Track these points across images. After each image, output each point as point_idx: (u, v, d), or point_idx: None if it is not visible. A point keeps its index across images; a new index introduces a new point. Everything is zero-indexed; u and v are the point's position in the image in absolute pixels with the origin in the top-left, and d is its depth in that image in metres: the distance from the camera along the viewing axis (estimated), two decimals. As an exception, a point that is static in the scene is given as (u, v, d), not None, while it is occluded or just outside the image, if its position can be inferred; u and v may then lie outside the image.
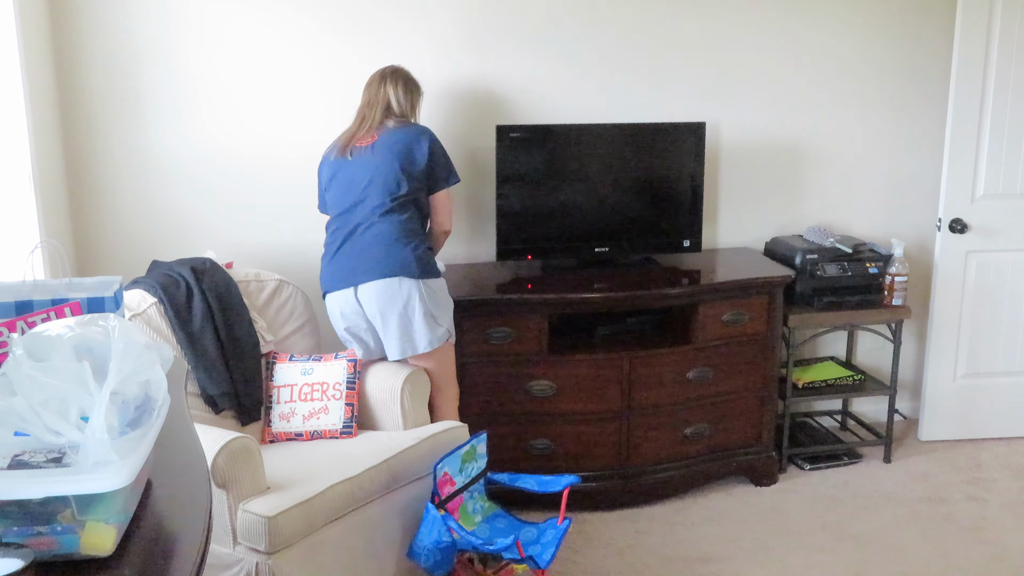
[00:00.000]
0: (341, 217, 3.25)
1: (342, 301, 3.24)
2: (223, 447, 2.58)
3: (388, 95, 3.31)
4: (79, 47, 3.48)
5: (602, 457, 3.58)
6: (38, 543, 1.29)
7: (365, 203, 3.20)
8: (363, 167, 3.22)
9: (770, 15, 4.05)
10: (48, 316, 1.75)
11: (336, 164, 3.28)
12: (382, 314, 3.17)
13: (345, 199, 3.24)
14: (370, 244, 3.18)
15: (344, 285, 3.22)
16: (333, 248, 3.26)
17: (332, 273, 3.26)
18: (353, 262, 3.20)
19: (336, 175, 3.27)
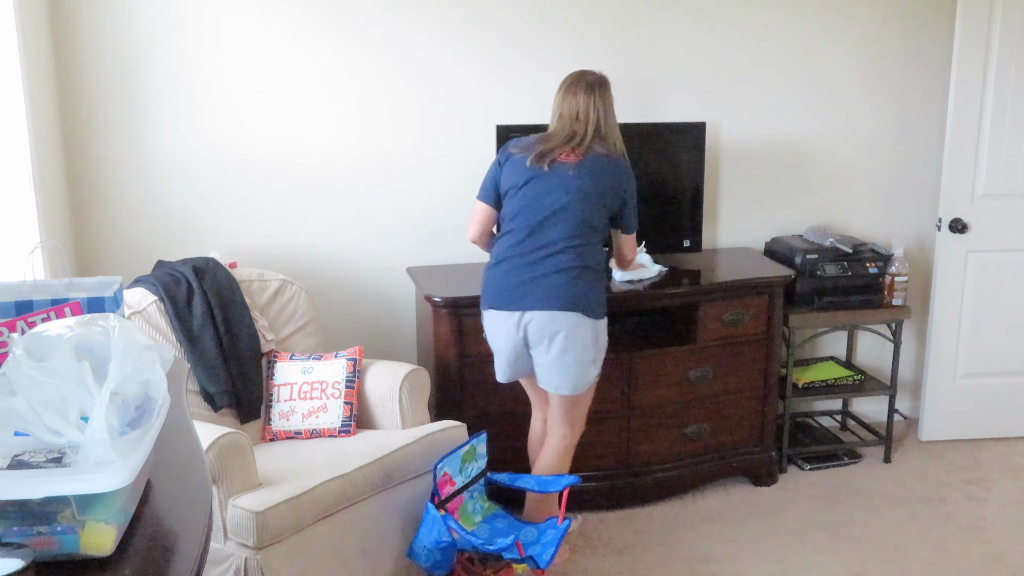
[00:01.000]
0: (526, 232, 3.01)
1: (504, 321, 3.03)
2: (214, 442, 2.60)
3: (598, 114, 3.08)
4: (79, 47, 3.48)
5: (602, 457, 3.58)
6: (38, 543, 1.29)
7: (557, 226, 2.98)
8: (563, 186, 2.99)
9: (770, 15, 4.05)
10: (48, 316, 1.76)
11: (531, 172, 3.02)
12: (548, 342, 2.98)
13: (534, 214, 3.00)
14: (555, 271, 2.97)
15: (513, 308, 3.00)
16: (508, 262, 3.03)
17: (501, 289, 3.04)
18: (530, 285, 2.98)
19: (528, 183, 3.02)
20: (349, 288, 3.87)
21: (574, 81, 3.15)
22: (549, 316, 2.96)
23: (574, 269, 2.98)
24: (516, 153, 3.11)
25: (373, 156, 3.81)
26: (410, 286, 3.80)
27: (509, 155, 3.13)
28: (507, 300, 3.02)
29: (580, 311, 2.96)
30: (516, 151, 3.11)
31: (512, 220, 3.06)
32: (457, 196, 3.88)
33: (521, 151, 3.10)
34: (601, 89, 3.13)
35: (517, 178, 3.06)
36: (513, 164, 3.10)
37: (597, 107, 3.10)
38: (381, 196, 3.84)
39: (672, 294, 3.62)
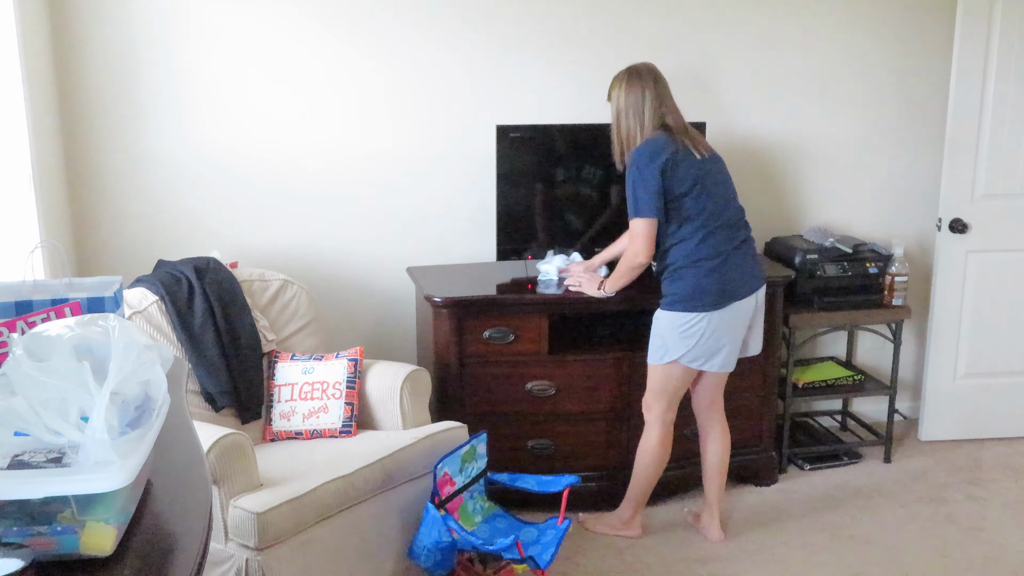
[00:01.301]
0: (722, 225, 3.16)
1: (744, 307, 3.22)
2: (215, 443, 2.59)
3: (672, 98, 3.26)
4: (79, 46, 3.48)
5: (602, 457, 3.58)
6: (38, 543, 1.29)
7: (735, 213, 3.23)
8: (721, 177, 3.21)
9: (770, 16, 4.05)
10: (48, 316, 1.76)
11: (700, 165, 3.14)
12: (758, 317, 3.31)
13: (719, 210, 3.16)
14: (752, 253, 3.29)
15: (749, 292, 3.22)
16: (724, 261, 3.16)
17: (737, 281, 3.18)
18: (750, 270, 3.24)
19: (704, 178, 3.13)
20: (349, 288, 3.87)
21: (651, 72, 3.24)
22: (762, 290, 3.31)
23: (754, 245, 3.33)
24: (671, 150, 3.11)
25: (374, 156, 3.81)
26: (410, 286, 3.80)
27: (667, 154, 3.10)
28: (747, 288, 3.22)
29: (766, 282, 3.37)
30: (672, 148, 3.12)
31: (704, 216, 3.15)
32: (457, 196, 3.89)
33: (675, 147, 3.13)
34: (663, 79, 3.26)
35: (692, 173, 3.13)
36: (683, 161, 3.12)
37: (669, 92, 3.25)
38: (382, 196, 3.84)
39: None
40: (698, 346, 3.19)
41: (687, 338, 3.18)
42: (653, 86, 3.20)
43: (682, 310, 3.18)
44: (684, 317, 3.17)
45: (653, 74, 3.24)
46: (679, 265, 3.18)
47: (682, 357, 3.22)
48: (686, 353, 3.21)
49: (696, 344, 3.19)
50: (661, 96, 3.21)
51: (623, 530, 3.43)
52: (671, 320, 3.21)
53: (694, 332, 3.17)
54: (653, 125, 3.18)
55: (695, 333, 3.17)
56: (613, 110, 3.27)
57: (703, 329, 3.17)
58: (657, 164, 3.09)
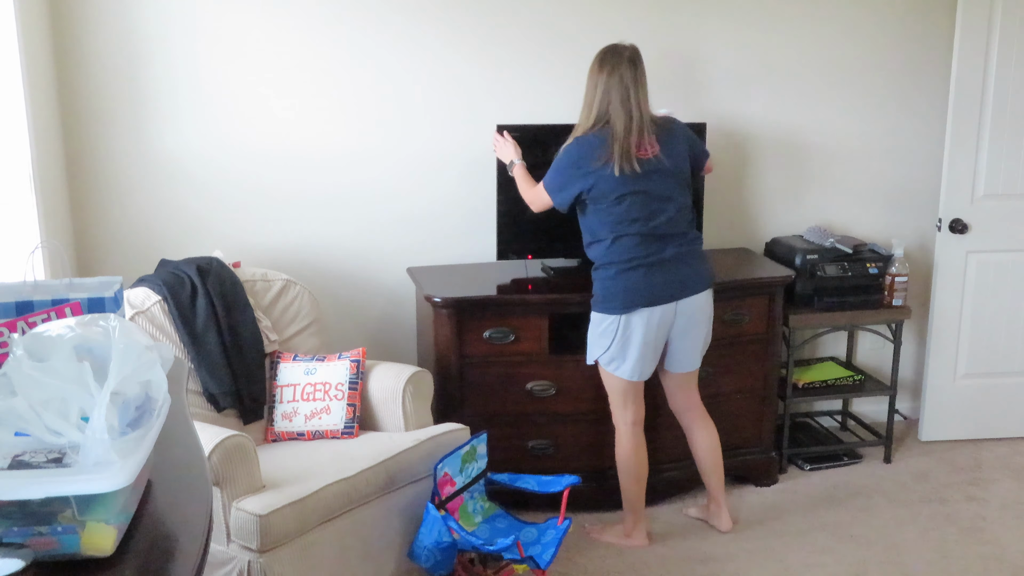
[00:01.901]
0: (643, 233, 3.11)
1: (661, 313, 3.15)
2: (218, 445, 2.59)
3: (645, 89, 3.11)
4: (79, 46, 3.48)
5: (602, 457, 3.58)
6: (38, 543, 1.29)
7: (669, 222, 3.14)
8: (660, 183, 3.11)
9: (770, 16, 4.05)
10: (48, 316, 1.76)
11: (624, 181, 3.06)
12: (695, 325, 3.22)
13: (649, 215, 3.10)
14: (686, 260, 3.18)
15: (668, 300, 3.15)
16: (643, 265, 3.12)
17: (652, 287, 3.13)
18: (674, 277, 3.15)
19: (628, 191, 3.07)
20: (350, 288, 3.88)
21: (607, 62, 3.10)
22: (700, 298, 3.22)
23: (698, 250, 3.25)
24: (594, 164, 3.07)
25: (374, 156, 3.81)
26: (411, 286, 3.80)
27: (586, 167, 3.08)
28: (664, 295, 3.15)
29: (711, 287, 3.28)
30: (594, 160, 3.07)
31: (626, 227, 3.12)
32: (458, 196, 3.89)
33: (599, 160, 3.06)
34: (638, 59, 3.11)
35: (610, 190, 3.08)
36: (598, 177, 3.08)
37: (642, 83, 3.11)
38: (382, 196, 3.85)
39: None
40: (611, 348, 3.19)
41: (603, 339, 3.21)
42: (619, 77, 3.07)
43: (598, 311, 3.22)
44: (599, 318, 3.21)
45: (623, 62, 3.08)
46: (597, 265, 3.23)
47: (600, 358, 3.24)
48: (603, 354, 3.23)
49: (610, 346, 3.19)
50: (622, 89, 3.06)
51: (628, 541, 3.41)
52: (593, 320, 3.26)
53: (607, 333, 3.19)
54: (599, 119, 3.11)
55: (608, 334, 3.19)
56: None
57: (614, 333, 3.17)
58: (579, 174, 3.11)
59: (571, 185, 3.14)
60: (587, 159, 3.09)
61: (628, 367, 3.21)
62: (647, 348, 3.19)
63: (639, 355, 3.18)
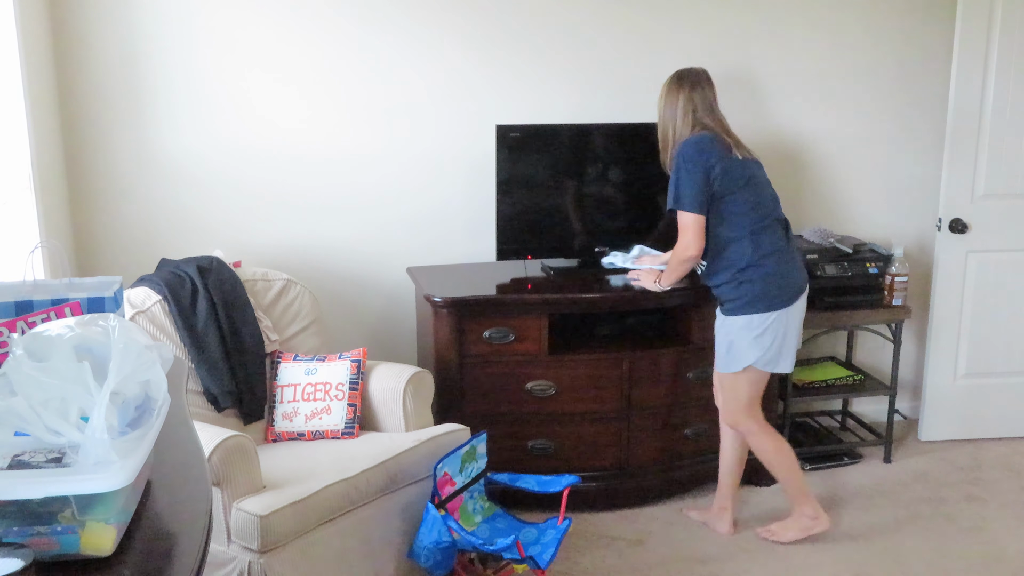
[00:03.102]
0: (773, 221, 3.18)
1: (804, 301, 3.22)
2: (218, 445, 2.59)
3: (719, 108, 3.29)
4: (80, 45, 3.48)
5: (602, 457, 3.58)
6: (38, 543, 1.29)
7: (779, 216, 3.22)
8: (764, 177, 3.22)
9: (770, 16, 4.05)
10: (48, 316, 1.76)
11: (744, 164, 3.15)
12: (801, 324, 3.27)
13: (769, 207, 3.19)
14: (795, 250, 3.27)
15: (806, 285, 3.23)
16: (788, 253, 3.19)
17: (793, 282, 3.18)
18: (799, 266, 3.25)
19: (750, 176, 3.16)
20: (350, 287, 3.88)
21: (699, 77, 3.26)
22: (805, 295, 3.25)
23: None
24: (719, 149, 3.13)
25: (375, 156, 3.82)
26: (411, 286, 3.80)
27: (714, 153, 3.12)
28: (800, 290, 3.20)
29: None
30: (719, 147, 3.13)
31: (754, 212, 3.15)
32: (458, 196, 3.89)
33: (722, 147, 3.14)
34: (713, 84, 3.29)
35: (743, 172, 3.15)
36: (730, 161, 3.13)
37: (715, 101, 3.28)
38: (383, 196, 3.85)
39: (671, 294, 3.62)
40: (772, 347, 3.15)
41: (762, 340, 3.14)
42: (689, 91, 3.23)
43: (755, 312, 3.13)
44: (758, 319, 3.13)
45: (692, 79, 3.26)
46: (742, 265, 3.14)
47: (756, 361, 3.17)
48: (760, 357, 3.16)
49: (771, 345, 3.15)
50: (694, 101, 3.22)
51: (814, 527, 3.38)
52: (744, 324, 3.15)
53: (769, 333, 3.14)
54: (689, 128, 3.20)
55: (770, 334, 3.14)
56: (659, 114, 3.32)
57: (777, 329, 3.14)
58: (702, 161, 3.10)
59: (700, 175, 3.11)
60: (707, 149, 3.13)
61: (788, 360, 3.21)
62: (798, 335, 3.24)
63: (796, 344, 3.23)
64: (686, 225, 3.14)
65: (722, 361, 3.26)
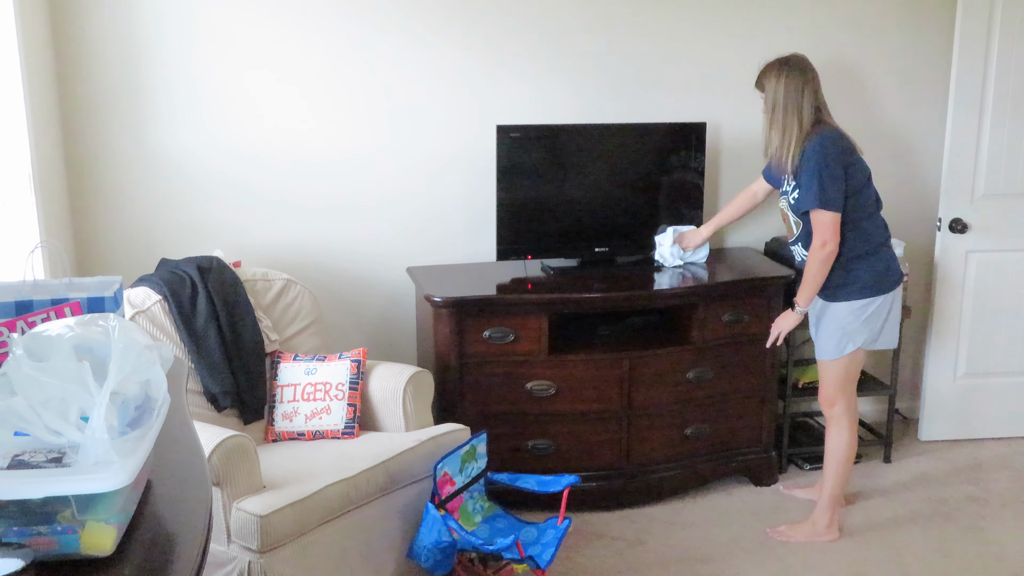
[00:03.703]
0: (876, 214, 3.32)
1: (899, 294, 3.37)
2: (218, 445, 2.59)
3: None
4: (80, 45, 3.48)
5: (602, 457, 3.58)
6: (38, 543, 1.29)
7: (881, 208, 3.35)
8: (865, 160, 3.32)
9: (770, 15, 4.05)
10: (48, 316, 1.76)
11: (864, 164, 3.29)
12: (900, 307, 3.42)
13: (876, 201, 3.32)
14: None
15: (901, 281, 3.37)
16: (886, 245, 3.34)
17: (896, 269, 3.35)
18: (897, 262, 3.39)
19: (870, 175, 3.30)
20: (350, 287, 3.88)
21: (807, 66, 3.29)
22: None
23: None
24: (853, 148, 3.26)
25: (375, 156, 3.81)
26: (411, 286, 3.80)
27: (852, 151, 3.25)
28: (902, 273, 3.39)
29: None
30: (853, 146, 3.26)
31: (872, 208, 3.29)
32: (458, 196, 3.89)
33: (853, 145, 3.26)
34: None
35: (866, 172, 3.28)
36: (860, 161, 3.27)
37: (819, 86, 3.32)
38: (382, 195, 3.85)
39: (672, 294, 3.62)
40: (876, 327, 3.32)
41: (872, 322, 3.29)
42: (812, 80, 3.26)
43: (867, 296, 3.27)
44: (867, 302, 3.27)
45: (808, 67, 3.29)
46: (858, 253, 3.27)
47: (865, 342, 3.32)
48: (868, 337, 3.31)
49: (876, 326, 3.30)
50: (817, 91, 3.27)
51: (824, 535, 3.43)
52: (853, 309, 3.29)
53: (878, 314, 3.29)
54: (811, 119, 3.24)
55: (879, 315, 3.29)
56: (767, 102, 3.32)
57: (887, 310, 3.31)
58: (843, 160, 3.20)
59: (841, 173, 3.19)
60: (846, 147, 3.23)
61: (890, 335, 3.36)
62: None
63: (897, 322, 3.37)
64: (825, 223, 3.20)
65: (831, 348, 3.35)
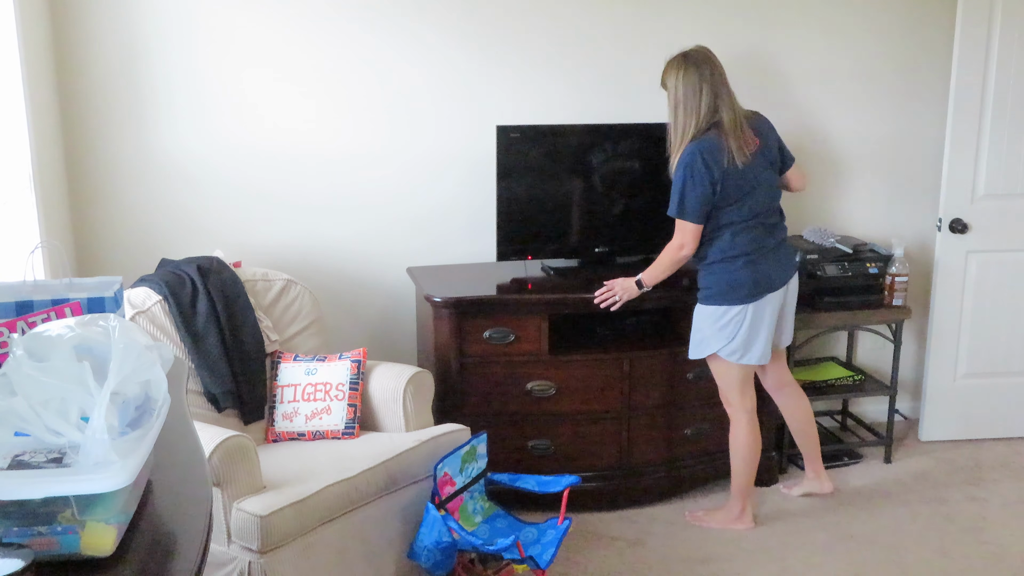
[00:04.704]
0: (757, 223, 3.25)
1: (776, 298, 3.31)
2: (219, 445, 2.59)
3: (728, 83, 3.23)
4: (80, 45, 3.48)
5: (602, 457, 3.58)
6: (38, 543, 1.29)
7: (771, 211, 3.31)
8: (763, 176, 3.26)
9: (770, 16, 4.05)
10: (48, 316, 1.76)
11: (744, 173, 3.19)
12: (789, 306, 3.41)
13: (761, 206, 3.25)
14: (785, 245, 3.38)
15: (782, 284, 3.32)
16: (767, 251, 3.28)
17: (771, 273, 3.28)
18: (784, 262, 3.34)
19: (746, 185, 3.21)
20: (350, 288, 3.88)
21: (697, 66, 3.19)
22: (794, 281, 3.40)
23: (785, 238, 3.41)
24: (714, 157, 3.15)
25: (375, 156, 3.81)
26: (411, 286, 3.80)
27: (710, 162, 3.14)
28: (779, 280, 3.32)
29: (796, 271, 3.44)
30: (711, 156, 3.14)
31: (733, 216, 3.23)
32: (458, 196, 3.89)
33: (716, 154, 3.15)
34: (714, 59, 3.23)
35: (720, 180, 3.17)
36: (717, 171, 3.16)
37: (725, 79, 3.23)
38: (383, 196, 3.85)
39: (672, 294, 3.62)
40: (736, 339, 3.26)
41: (725, 331, 3.26)
42: (709, 77, 3.18)
43: (720, 303, 3.26)
44: (721, 310, 3.25)
45: (709, 62, 3.21)
46: (713, 260, 3.27)
47: (721, 350, 3.29)
48: (725, 346, 3.28)
49: (735, 337, 3.26)
50: (716, 88, 3.18)
51: (736, 523, 3.49)
52: (710, 314, 3.29)
53: (732, 324, 3.25)
54: (707, 121, 3.18)
55: (733, 326, 3.25)
56: (669, 100, 3.27)
57: (741, 322, 3.25)
58: (709, 175, 3.15)
59: (704, 188, 3.16)
60: (715, 162, 3.15)
61: (757, 353, 3.30)
62: (771, 331, 3.33)
63: (766, 339, 3.30)
64: (686, 231, 3.25)
65: (692, 347, 3.39)
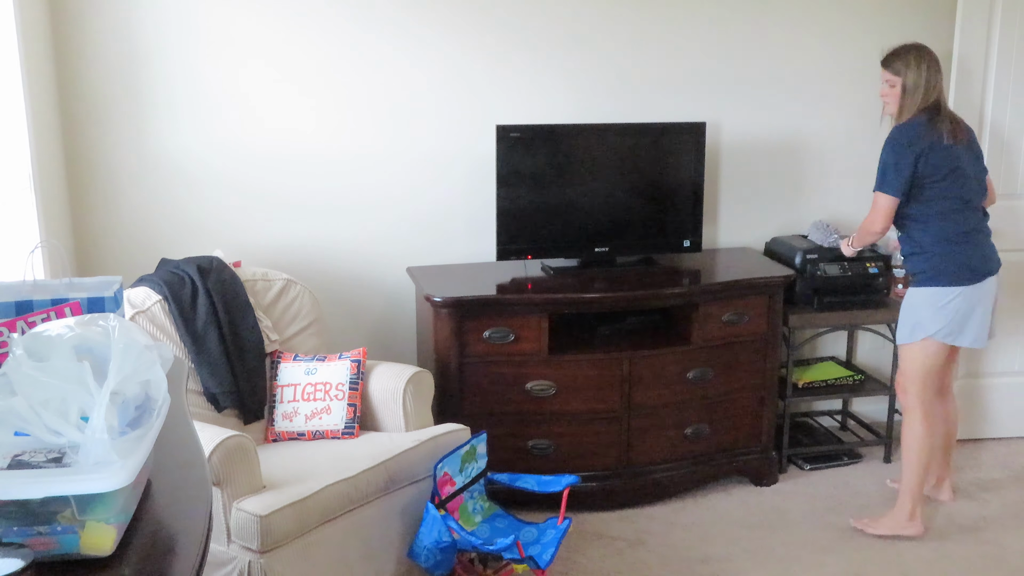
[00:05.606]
0: (968, 207, 3.31)
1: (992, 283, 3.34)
2: (218, 445, 2.59)
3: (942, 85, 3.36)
4: (80, 45, 3.48)
5: (602, 457, 3.58)
6: (38, 543, 1.29)
7: (979, 196, 3.37)
8: (973, 162, 3.34)
9: (771, 16, 4.05)
10: (48, 316, 1.76)
11: (953, 153, 3.26)
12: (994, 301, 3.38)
13: (971, 190, 3.31)
14: (988, 237, 3.40)
15: (996, 269, 3.35)
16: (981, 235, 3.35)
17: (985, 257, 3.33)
18: (993, 249, 3.37)
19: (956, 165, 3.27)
20: (350, 287, 3.88)
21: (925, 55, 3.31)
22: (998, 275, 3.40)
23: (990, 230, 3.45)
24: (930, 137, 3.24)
25: (375, 156, 3.81)
26: (411, 286, 3.80)
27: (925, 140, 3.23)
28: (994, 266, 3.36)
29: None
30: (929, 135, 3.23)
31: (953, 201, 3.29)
32: (458, 196, 3.89)
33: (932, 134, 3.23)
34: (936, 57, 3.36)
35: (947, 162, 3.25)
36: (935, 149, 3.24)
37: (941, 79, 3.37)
38: (383, 196, 3.85)
39: (672, 294, 3.62)
40: (952, 321, 3.29)
41: (944, 312, 3.28)
42: (937, 70, 3.31)
43: (939, 285, 3.29)
44: (943, 291, 3.28)
45: (936, 59, 3.34)
46: (929, 243, 3.30)
47: (936, 333, 3.31)
48: (941, 328, 3.30)
49: (951, 319, 3.28)
50: (939, 81, 3.32)
51: (906, 529, 3.44)
52: (927, 296, 3.31)
53: (949, 306, 3.28)
54: (923, 107, 3.28)
55: (950, 307, 3.28)
56: (900, 83, 3.33)
57: (959, 304, 3.28)
58: (914, 151, 3.23)
59: (907, 165, 3.23)
60: (919, 139, 3.24)
61: (971, 335, 3.32)
62: (987, 315, 3.35)
63: (980, 323, 3.32)
64: (880, 206, 3.31)
65: (904, 331, 3.39)
